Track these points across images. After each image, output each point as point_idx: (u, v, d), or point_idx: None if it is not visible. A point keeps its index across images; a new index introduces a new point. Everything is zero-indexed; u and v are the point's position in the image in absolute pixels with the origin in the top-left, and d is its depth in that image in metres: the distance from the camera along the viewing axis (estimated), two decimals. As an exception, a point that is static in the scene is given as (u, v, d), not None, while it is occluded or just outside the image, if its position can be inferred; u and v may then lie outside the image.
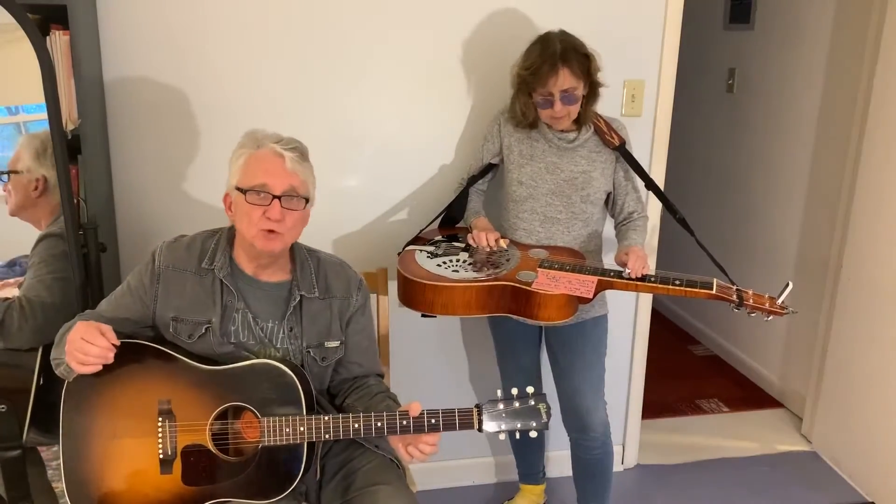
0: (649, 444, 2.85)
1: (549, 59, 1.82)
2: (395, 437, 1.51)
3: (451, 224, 2.17)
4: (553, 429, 2.07)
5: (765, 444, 2.95)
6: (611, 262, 1.95)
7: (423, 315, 1.86)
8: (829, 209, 2.91)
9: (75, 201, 1.82)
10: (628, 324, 2.59)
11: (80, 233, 1.79)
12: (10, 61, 1.73)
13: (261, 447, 1.48)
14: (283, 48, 2.12)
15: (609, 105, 2.20)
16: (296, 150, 1.54)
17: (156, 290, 1.57)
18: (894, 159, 2.45)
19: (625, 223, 2.03)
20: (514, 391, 1.48)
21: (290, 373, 1.50)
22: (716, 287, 1.76)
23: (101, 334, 1.41)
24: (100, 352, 1.40)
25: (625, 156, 1.99)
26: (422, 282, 1.81)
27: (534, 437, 1.49)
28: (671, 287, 1.77)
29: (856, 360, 2.65)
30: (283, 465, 1.49)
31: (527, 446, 2.38)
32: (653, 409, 3.04)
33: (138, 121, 2.09)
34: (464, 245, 2.01)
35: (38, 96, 1.65)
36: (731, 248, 3.59)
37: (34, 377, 1.73)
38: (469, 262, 1.90)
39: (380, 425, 1.47)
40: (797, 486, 2.66)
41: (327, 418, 1.47)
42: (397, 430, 1.47)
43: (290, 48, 2.12)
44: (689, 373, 3.58)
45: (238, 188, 1.52)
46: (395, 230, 2.30)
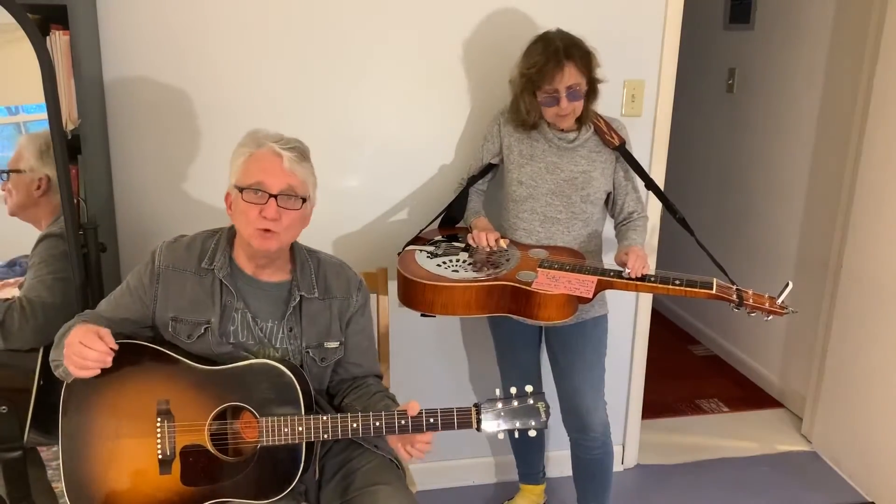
0: (649, 444, 2.85)
1: (553, 56, 1.82)
2: (394, 436, 1.51)
3: (451, 224, 2.17)
4: (553, 429, 2.08)
5: (765, 444, 2.94)
6: (611, 262, 1.95)
7: (422, 315, 1.86)
8: (829, 209, 2.91)
9: (75, 201, 1.81)
10: (628, 324, 2.59)
11: (81, 233, 1.79)
12: (10, 61, 1.72)
13: (259, 447, 1.48)
14: (283, 48, 2.12)
15: (609, 105, 2.21)
16: (295, 149, 1.53)
17: (155, 290, 1.57)
18: (894, 159, 2.45)
19: (625, 223, 2.03)
20: (512, 390, 1.48)
21: (288, 373, 1.50)
22: (716, 287, 1.76)
23: (100, 338, 1.41)
24: (98, 356, 1.40)
25: (625, 156, 1.99)
26: (422, 282, 1.81)
27: (533, 436, 1.49)
28: (671, 287, 1.77)
29: (856, 359, 2.65)
30: (281, 465, 1.49)
31: (527, 446, 2.38)
32: (653, 409, 3.03)
33: (138, 121, 2.09)
34: (464, 245, 2.01)
35: (38, 96, 1.65)
36: (731, 248, 3.58)
37: (35, 378, 1.73)
38: (469, 262, 1.90)
39: (378, 425, 1.47)
40: (797, 486, 2.66)
41: (326, 418, 1.47)
42: (395, 429, 1.47)
43: (290, 48, 2.12)
44: (689, 373, 3.58)
45: (236, 186, 1.52)
46: (395, 230, 2.30)
